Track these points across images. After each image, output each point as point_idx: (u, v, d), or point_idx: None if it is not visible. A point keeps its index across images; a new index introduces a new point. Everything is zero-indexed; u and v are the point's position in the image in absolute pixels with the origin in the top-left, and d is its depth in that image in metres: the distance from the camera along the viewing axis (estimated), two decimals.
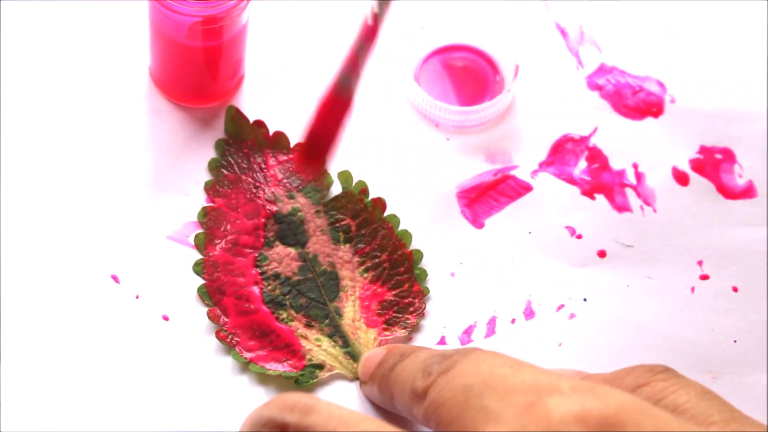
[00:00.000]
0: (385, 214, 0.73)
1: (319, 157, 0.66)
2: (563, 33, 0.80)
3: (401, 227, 0.73)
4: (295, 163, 0.74)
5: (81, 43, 0.77)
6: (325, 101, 0.65)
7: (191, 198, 0.73)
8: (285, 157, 0.74)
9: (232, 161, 0.74)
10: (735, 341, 0.72)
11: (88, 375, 0.68)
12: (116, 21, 0.78)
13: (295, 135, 0.75)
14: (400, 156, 0.76)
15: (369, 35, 0.65)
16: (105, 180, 0.73)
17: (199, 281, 0.71)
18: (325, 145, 0.66)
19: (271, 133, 0.75)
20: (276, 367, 0.69)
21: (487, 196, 0.75)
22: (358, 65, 0.65)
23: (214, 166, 0.74)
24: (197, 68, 0.73)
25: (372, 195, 0.74)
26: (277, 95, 0.77)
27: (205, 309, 0.70)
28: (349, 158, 0.75)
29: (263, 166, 0.74)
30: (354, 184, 0.74)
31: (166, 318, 0.70)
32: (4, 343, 0.69)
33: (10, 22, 0.77)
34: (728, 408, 0.57)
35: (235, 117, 0.75)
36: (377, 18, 0.64)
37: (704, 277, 0.73)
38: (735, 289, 0.73)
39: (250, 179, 0.74)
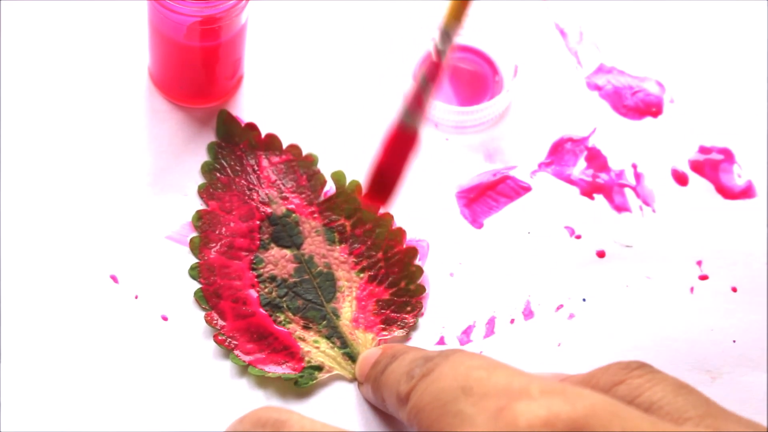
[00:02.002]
0: (380, 212, 0.73)
1: (384, 193, 0.65)
2: (563, 33, 0.79)
3: (396, 226, 0.73)
4: (361, 200, 0.70)
5: (81, 43, 0.77)
6: (389, 138, 0.64)
7: (190, 198, 0.73)
8: (278, 159, 0.74)
9: (225, 164, 0.74)
10: (734, 341, 0.72)
11: (88, 375, 0.68)
12: (116, 21, 0.78)
13: (291, 135, 0.75)
14: None
15: (433, 71, 0.64)
16: (104, 180, 0.73)
17: (196, 284, 0.71)
18: (390, 182, 0.65)
19: (263, 135, 0.75)
20: (275, 370, 0.69)
21: (486, 196, 0.75)
22: (423, 102, 0.64)
23: (207, 169, 0.74)
24: (196, 68, 0.73)
25: None
26: (277, 95, 0.77)
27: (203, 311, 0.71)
28: (349, 158, 0.75)
29: (256, 168, 0.74)
30: (348, 183, 0.74)
31: (165, 318, 0.70)
32: (4, 343, 0.69)
33: (10, 22, 0.77)
34: (704, 402, 0.57)
35: (227, 120, 0.75)
36: (440, 53, 0.64)
37: (703, 277, 0.73)
38: (734, 289, 0.73)
39: (243, 182, 0.73)
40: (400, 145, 0.64)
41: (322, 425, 0.57)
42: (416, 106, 0.64)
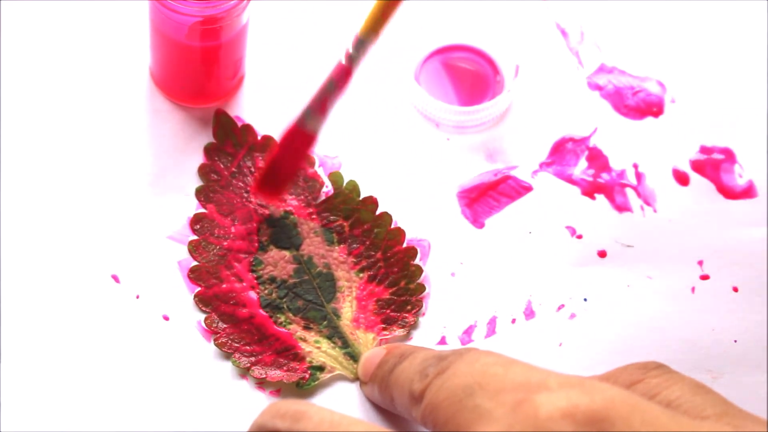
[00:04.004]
0: (378, 212, 0.73)
1: (274, 188, 0.68)
2: (563, 33, 0.79)
3: (395, 225, 0.73)
4: (251, 191, 0.73)
5: (81, 43, 0.77)
6: (287, 134, 0.66)
7: (191, 198, 0.73)
8: None
9: (222, 166, 0.74)
10: (735, 341, 0.72)
11: (88, 375, 0.68)
12: (116, 21, 0.78)
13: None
14: (400, 156, 0.76)
15: (341, 76, 0.65)
16: (105, 180, 0.73)
17: (196, 287, 0.71)
18: (281, 178, 0.67)
19: (259, 137, 0.75)
20: (276, 371, 0.69)
21: (487, 196, 0.75)
22: (327, 104, 0.66)
23: (204, 172, 0.74)
24: (197, 68, 0.73)
25: (374, 197, 0.73)
26: (278, 95, 0.77)
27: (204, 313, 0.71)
28: (350, 158, 0.75)
29: (253, 169, 0.74)
30: (345, 184, 0.74)
31: (166, 318, 0.70)
32: (4, 343, 0.69)
33: (10, 22, 0.77)
34: (721, 402, 0.58)
35: (224, 121, 0.75)
36: (352, 60, 0.64)
37: (704, 277, 0.73)
38: (735, 289, 0.73)
39: (240, 183, 0.73)
40: (296, 144, 0.67)
41: (341, 416, 0.57)
42: (319, 108, 0.66)
